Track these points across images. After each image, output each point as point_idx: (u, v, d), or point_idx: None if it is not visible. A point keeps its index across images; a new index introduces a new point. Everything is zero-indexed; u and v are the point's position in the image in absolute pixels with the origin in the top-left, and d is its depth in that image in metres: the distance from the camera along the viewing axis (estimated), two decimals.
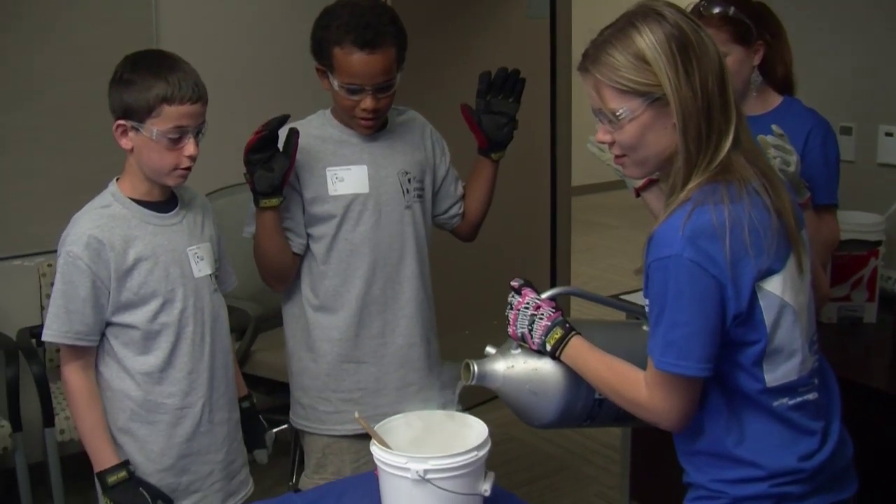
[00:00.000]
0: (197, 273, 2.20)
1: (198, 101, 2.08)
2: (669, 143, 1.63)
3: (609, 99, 1.64)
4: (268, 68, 4.25)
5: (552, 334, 1.77)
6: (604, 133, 1.69)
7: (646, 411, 1.66)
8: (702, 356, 1.58)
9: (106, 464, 2.09)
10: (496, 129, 2.49)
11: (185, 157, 2.09)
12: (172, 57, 2.13)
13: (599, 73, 1.64)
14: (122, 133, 2.10)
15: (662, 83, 1.59)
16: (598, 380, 1.73)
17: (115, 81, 2.11)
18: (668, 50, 1.58)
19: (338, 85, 2.30)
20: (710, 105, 1.59)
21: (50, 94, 3.77)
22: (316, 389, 2.47)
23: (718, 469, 1.67)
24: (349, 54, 2.25)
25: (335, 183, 2.37)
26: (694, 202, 1.57)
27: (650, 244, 1.60)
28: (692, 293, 1.55)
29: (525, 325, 1.81)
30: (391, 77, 2.30)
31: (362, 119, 2.34)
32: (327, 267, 2.40)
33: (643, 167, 1.70)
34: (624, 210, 8.60)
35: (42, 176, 3.78)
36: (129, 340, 2.13)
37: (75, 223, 2.12)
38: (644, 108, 1.61)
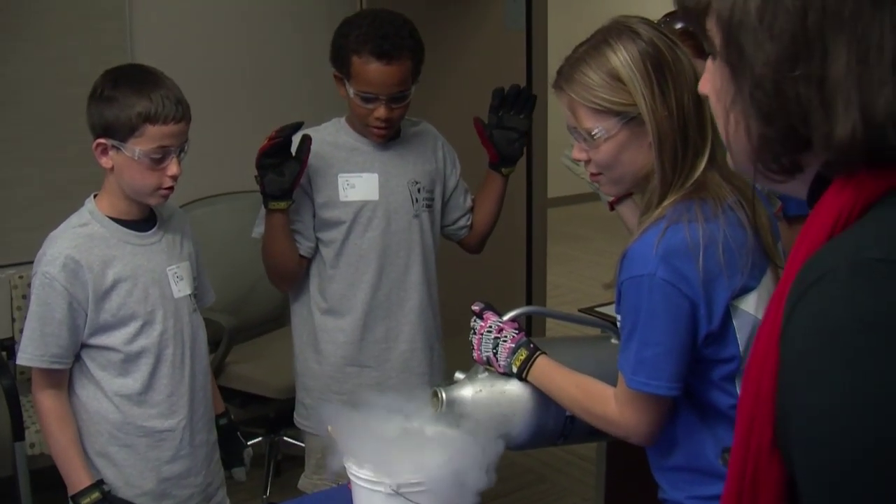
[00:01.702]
0: (177, 293, 2.16)
1: (181, 121, 2.04)
2: (645, 161, 1.62)
3: (584, 118, 1.63)
4: (243, 78, 4.23)
5: (517, 356, 1.77)
6: (579, 151, 1.68)
7: (615, 427, 1.66)
8: (672, 375, 1.57)
9: (79, 485, 2.05)
10: (507, 144, 2.55)
11: (168, 177, 2.05)
12: (155, 73, 2.08)
13: (574, 93, 1.63)
14: (101, 152, 2.04)
15: (637, 102, 1.58)
16: (566, 398, 1.73)
17: (95, 98, 2.05)
18: (643, 68, 1.58)
19: (353, 93, 2.35)
20: (686, 123, 1.59)
21: (24, 104, 3.73)
22: (318, 390, 2.52)
23: (694, 485, 1.66)
24: (366, 64, 2.30)
25: (346, 189, 2.42)
26: (668, 220, 1.56)
27: (623, 261, 1.60)
28: (665, 313, 1.55)
29: (489, 348, 1.81)
30: (406, 88, 2.37)
31: (375, 128, 2.39)
32: (335, 271, 2.45)
33: (619, 185, 1.70)
34: (600, 222, 8.61)
35: (15, 186, 3.73)
36: (106, 363, 2.09)
37: (52, 242, 2.06)
38: (619, 128, 1.61)
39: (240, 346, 3.87)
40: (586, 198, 8.82)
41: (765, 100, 0.95)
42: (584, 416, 1.72)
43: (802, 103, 0.93)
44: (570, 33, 2.04)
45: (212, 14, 4.17)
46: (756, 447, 0.95)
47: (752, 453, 0.95)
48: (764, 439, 0.94)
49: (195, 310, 2.23)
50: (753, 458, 0.95)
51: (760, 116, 0.96)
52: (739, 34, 0.96)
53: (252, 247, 4.07)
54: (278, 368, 3.70)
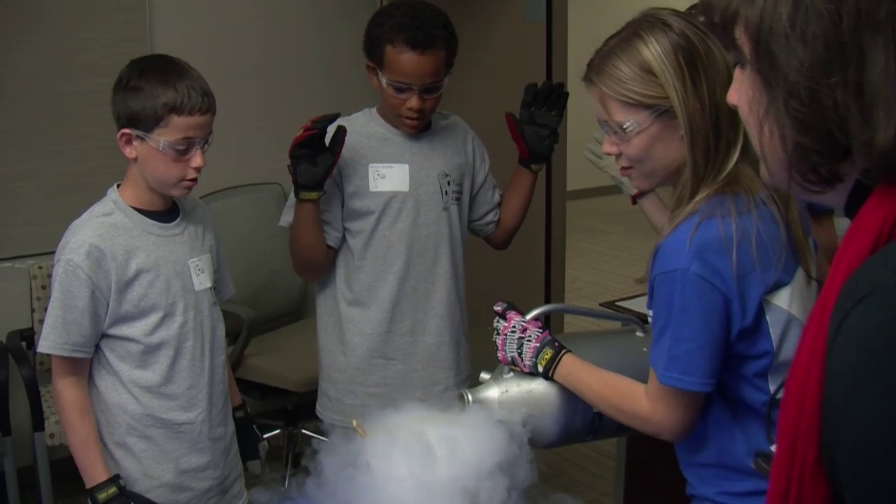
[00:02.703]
0: (198, 286, 2.16)
1: (207, 112, 2.03)
2: (677, 155, 1.60)
3: (615, 111, 1.61)
4: (262, 70, 4.23)
5: (542, 355, 1.75)
6: (610, 145, 1.66)
7: (647, 423, 1.64)
8: (706, 371, 1.55)
9: (97, 479, 2.04)
10: (538, 140, 2.55)
11: (192, 168, 2.04)
12: (181, 64, 2.07)
13: (605, 86, 1.61)
14: (126, 142, 2.04)
15: (669, 95, 1.56)
16: (594, 396, 1.71)
17: (121, 88, 2.04)
18: (675, 61, 1.56)
19: (386, 82, 2.34)
20: (719, 116, 1.56)
21: (41, 95, 3.74)
22: (344, 382, 2.51)
23: (725, 481, 1.64)
24: (400, 53, 2.30)
25: (376, 180, 2.42)
26: (701, 214, 1.54)
27: (656, 256, 1.58)
28: (698, 308, 1.53)
29: (514, 348, 1.79)
30: (439, 79, 2.35)
31: (407, 118, 2.38)
32: (363, 262, 2.44)
33: (650, 179, 1.68)
34: (619, 215, 8.59)
35: (33, 177, 3.75)
36: (126, 354, 2.08)
37: (75, 231, 2.05)
38: (651, 121, 1.59)
39: (258, 339, 3.87)
40: (603, 191, 8.81)
41: (800, 108, 0.92)
42: (613, 413, 1.70)
43: (840, 110, 0.90)
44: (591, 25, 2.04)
45: (232, 6, 4.16)
46: (800, 466, 0.92)
47: (795, 472, 0.93)
48: (808, 458, 0.91)
49: (215, 303, 2.23)
50: (797, 476, 0.92)
51: (796, 125, 0.93)
52: (770, 41, 0.93)
53: (270, 239, 4.08)
54: (297, 361, 3.71)
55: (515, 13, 4.41)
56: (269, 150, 4.09)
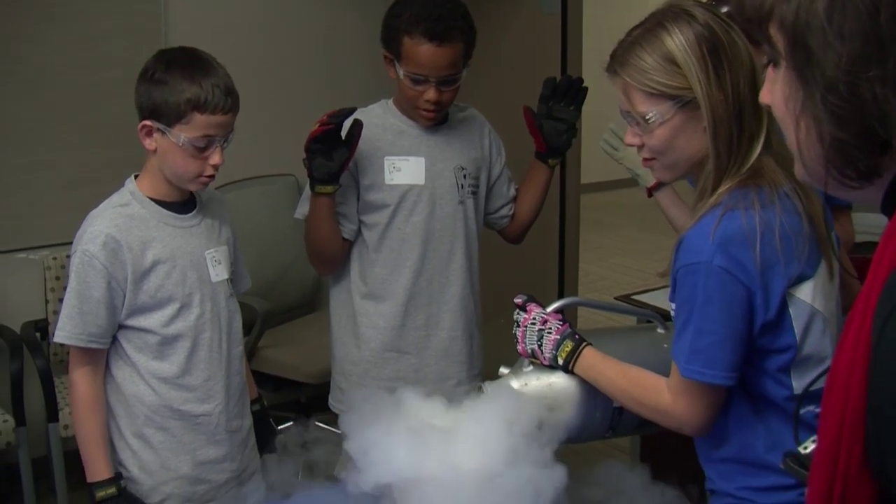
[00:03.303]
0: (214, 277, 2.15)
1: (229, 112, 2.03)
2: (700, 146, 1.60)
3: (638, 102, 1.61)
4: (278, 60, 4.22)
5: (563, 347, 1.74)
6: (632, 136, 1.66)
7: (668, 417, 1.63)
8: (728, 365, 1.55)
9: (98, 476, 2.05)
10: (556, 135, 2.53)
11: (210, 165, 2.04)
12: (208, 60, 2.06)
13: (628, 76, 1.61)
14: (146, 133, 2.03)
15: (693, 86, 1.55)
16: (614, 389, 1.70)
17: (146, 79, 2.03)
18: (699, 51, 1.55)
19: (403, 74, 2.33)
20: (742, 108, 1.56)
21: (56, 87, 3.74)
22: (356, 375, 2.51)
23: (746, 476, 1.63)
24: (418, 45, 2.29)
25: (392, 172, 2.41)
26: (724, 207, 1.54)
27: (679, 249, 1.57)
28: (721, 301, 1.52)
29: (534, 340, 1.78)
30: (457, 71, 2.34)
31: (424, 110, 2.37)
32: (378, 255, 2.44)
33: (673, 171, 1.68)
34: (631, 209, 8.55)
35: (48, 169, 3.75)
36: (143, 345, 2.08)
37: (92, 221, 2.05)
38: (674, 112, 1.58)
39: (271, 331, 3.87)
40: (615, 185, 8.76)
41: (839, 103, 0.91)
42: (634, 407, 1.69)
43: (880, 103, 0.89)
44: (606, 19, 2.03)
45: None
46: (844, 464, 0.91)
47: (840, 471, 0.91)
48: (853, 456, 0.90)
49: (232, 295, 2.22)
50: (842, 476, 0.91)
51: (834, 120, 0.92)
52: (807, 37, 0.92)
53: (284, 231, 4.08)
54: (310, 353, 3.71)
55: (531, 7, 4.39)
56: (283, 142, 4.08)
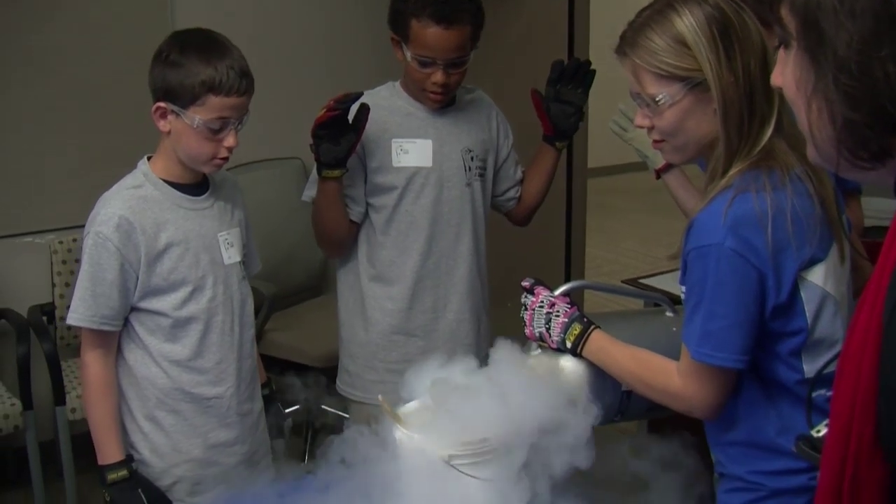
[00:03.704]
0: (227, 260, 2.15)
1: (244, 94, 2.02)
2: (710, 128, 1.59)
3: (648, 84, 1.60)
4: (284, 44, 4.21)
5: (571, 330, 1.73)
6: (642, 118, 1.65)
7: (678, 400, 1.62)
8: (739, 348, 1.54)
9: (109, 459, 2.04)
10: (564, 118, 2.53)
11: (224, 147, 2.03)
12: (223, 42, 2.05)
13: (638, 58, 1.60)
14: (160, 115, 2.02)
15: (703, 68, 1.54)
16: (624, 372, 1.70)
17: (160, 61, 2.02)
18: (709, 33, 1.54)
19: (410, 56, 2.32)
20: (753, 90, 1.55)
21: (63, 71, 3.73)
22: (364, 358, 2.51)
23: (757, 460, 1.63)
24: (425, 27, 2.28)
25: (399, 154, 2.40)
26: (735, 189, 1.53)
27: (690, 231, 1.56)
28: (732, 284, 1.51)
29: (541, 324, 1.77)
30: (464, 54, 2.33)
31: (432, 93, 2.37)
32: (385, 238, 2.44)
33: (683, 153, 1.67)
34: (638, 193, 8.54)
35: (54, 153, 3.75)
36: (155, 327, 2.08)
37: (105, 203, 2.04)
38: (684, 94, 1.57)
39: (278, 314, 3.87)
40: (622, 168, 8.77)
41: (850, 83, 0.91)
42: (643, 390, 1.68)
43: (892, 83, 0.89)
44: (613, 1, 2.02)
45: None
46: (856, 445, 0.91)
47: (851, 452, 0.91)
48: (864, 437, 0.90)
49: (244, 277, 2.22)
50: (853, 457, 0.91)
51: (847, 101, 0.92)
52: (818, 17, 0.92)
53: (290, 215, 4.07)
54: (317, 337, 3.71)
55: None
56: (289, 125, 4.06)
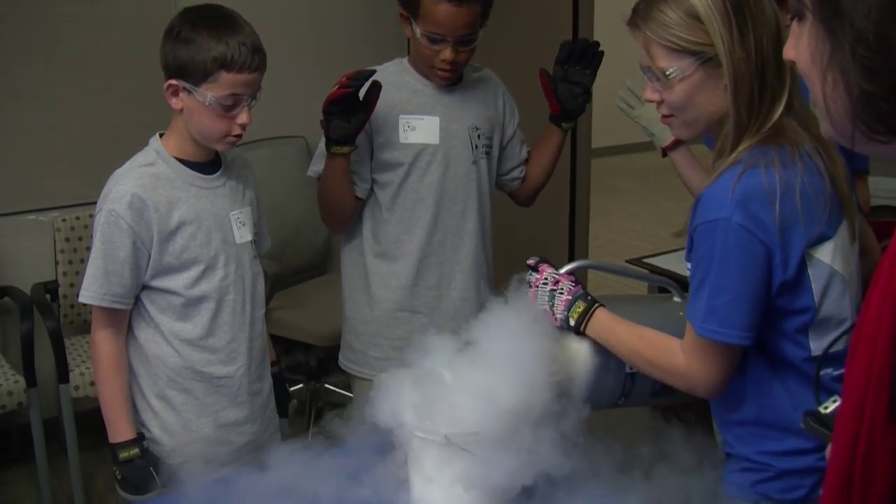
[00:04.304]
0: (239, 239, 2.14)
1: (256, 70, 2.00)
2: (720, 104, 1.58)
3: (659, 57, 1.59)
4: (288, 22, 4.18)
5: (575, 308, 1.72)
6: (652, 92, 1.64)
7: (682, 379, 1.61)
8: (745, 324, 1.53)
9: (121, 437, 2.03)
10: (571, 98, 2.52)
11: (237, 124, 2.02)
12: (235, 17, 2.03)
13: (650, 30, 1.58)
14: (172, 93, 2.01)
15: (715, 43, 1.53)
16: (627, 351, 1.68)
17: (171, 38, 1.99)
18: (723, 7, 1.53)
19: (420, 33, 2.32)
20: (765, 67, 1.53)
21: (66, 47, 3.72)
22: (368, 335, 2.52)
23: (764, 440, 1.62)
24: (436, 4, 2.27)
25: (406, 131, 2.40)
26: (744, 164, 1.52)
27: (697, 206, 1.55)
28: (739, 258, 1.50)
29: (545, 301, 1.76)
30: (474, 31, 2.32)
31: (440, 70, 2.36)
32: (391, 214, 2.43)
33: (692, 128, 1.65)
34: (640, 173, 8.53)
35: (57, 130, 3.74)
36: (167, 306, 2.07)
37: (118, 180, 2.02)
38: (695, 68, 1.56)
39: (281, 293, 3.87)
40: (625, 149, 8.74)
41: (868, 54, 0.90)
42: (647, 368, 1.67)
43: None
44: None
45: None
46: (870, 419, 0.90)
47: (865, 426, 0.91)
48: (879, 410, 0.90)
49: (255, 256, 2.21)
50: (867, 430, 0.91)
51: (863, 72, 0.91)
52: None
53: (294, 193, 4.06)
54: (320, 315, 3.71)
55: None
56: (293, 103, 4.06)
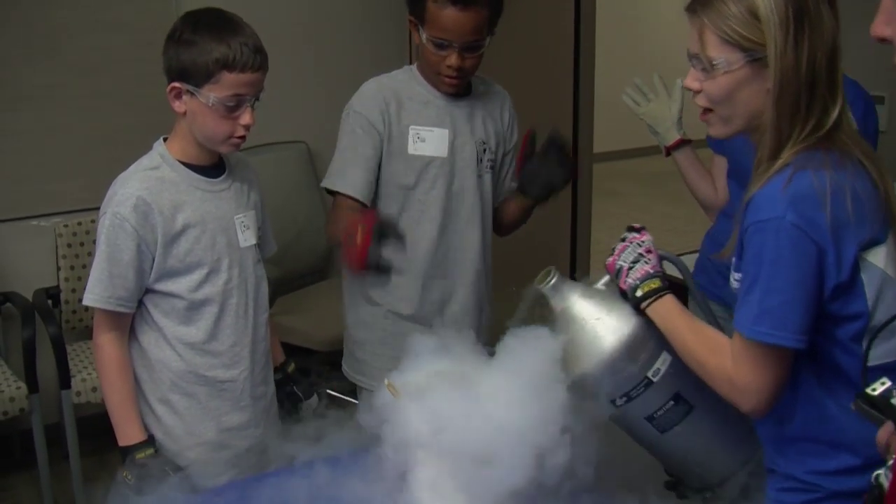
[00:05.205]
0: (243, 243, 2.14)
1: (258, 70, 2.01)
2: (759, 106, 1.56)
3: (710, 45, 1.57)
4: (290, 28, 4.18)
5: (649, 282, 1.67)
6: (693, 80, 1.62)
7: (729, 384, 1.55)
8: (799, 327, 1.48)
9: (133, 439, 2.03)
10: (531, 183, 2.42)
11: (241, 125, 2.02)
12: (236, 19, 2.05)
13: (707, 17, 1.57)
14: (175, 95, 2.02)
15: (768, 44, 1.52)
16: (681, 344, 1.63)
17: (174, 41, 2.01)
18: (784, 12, 1.51)
19: (426, 38, 2.30)
20: (815, 79, 1.52)
21: (68, 52, 3.72)
22: (371, 345, 2.50)
23: (814, 458, 1.57)
24: (442, 8, 2.24)
25: (416, 142, 2.38)
26: (794, 166, 1.50)
27: (748, 208, 1.53)
28: (792, 258, 1.47)
29: (628, 259, 1.71)
30: (481, 38, 2.29)
31: (447, 77, 2.34)
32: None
33: (728, 125, 1.63)
34: (642, 178, 8.54)
35: (59, 135, 3.74)
36: (170, 309, 2.07)
37: (122, 183, 2.03)
38: (742, 64, 1.55)
39: (283, 298, 3.87)
40: (627, 154, 8.76)
41: None
42: (697, 368, 1.61)
43: None
44: None
45: None
46: None
47: None
48: None
49: (259, 260, 2.21)
50: None
51: None
52: None
53: (296, 198, 4.06)
54: (322, 321, 3.70)
55: None
56: (294, 109, 4.06)
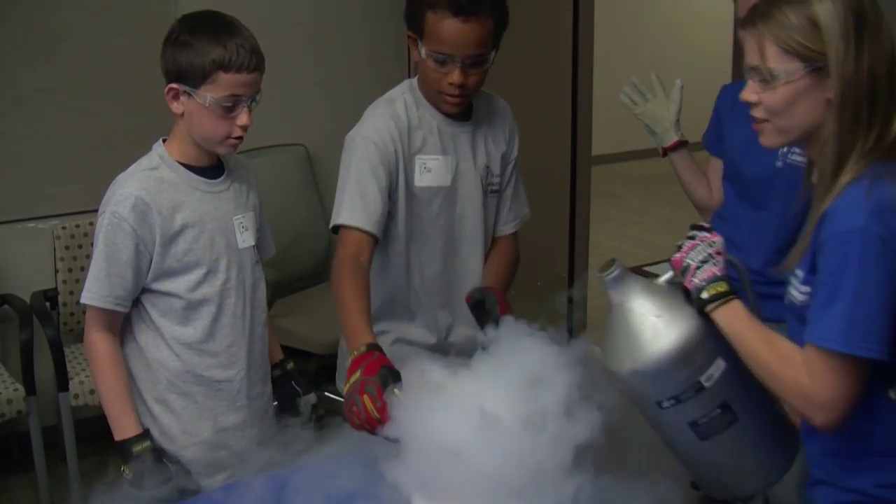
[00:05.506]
0: (241, 244, 2.15)
1: (255, 70, 2.02)
2: (817, 117, 1.55)
3: (770, 56, 1.56)
4: (289, 30, 4.18)
5: (717, 285, 1.62)
6: (751, 92, 1.60)
7: (804, 399, 1.51)
8: (885, 339, 1.46)
9: (129, 433, 2.03)
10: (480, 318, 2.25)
11: (238, 126, 2.03)
12: (232, 21, 2.06)
13: (767, 29, 1.56)
14: (173, 97, 2.03)
15: (829, 53, 1.51)
16: (750, 352, 1.57)
17: (171, 43, 2.03)
18: (844, 21, 1.51)
19: (426, 53, 2.14)
20: (876, 89, 1.51)
21: (67, 54, 3.72)
22: None
23: (885, 472, 1.55)
24: (441, 20, 2.09)
25: (423, 173, 2.27)
26: (870, 177, 1.48)
27: (825, 219, 1.50)
28: (879, 270, 1.44)
29: (697, 259, 1.65)
30: (484, 52, 2.13)
31: (448, 95, 2.17)
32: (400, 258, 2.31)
33: (784, 136, 1.61)
34: (640, 180, 8.55)
35: (58, 137, 3.73)
36: (168, 309, 2.08)
37: (121, 184, 2.05)
38: (802, 74, 1.54)
39: (282, 301, 3.86)
40: (625, 157, 8.78)
41: None
42: (767, 379, 1.56)
43: None
44: None
45: None
46: None
47: None
48: None
49: (257, 261, 2.22)
50: None
51: None
52: None
53: (294, 201, 4.06)
54: (320, 323, 3.70)
55: None
56: (292, 112, 4.07)
